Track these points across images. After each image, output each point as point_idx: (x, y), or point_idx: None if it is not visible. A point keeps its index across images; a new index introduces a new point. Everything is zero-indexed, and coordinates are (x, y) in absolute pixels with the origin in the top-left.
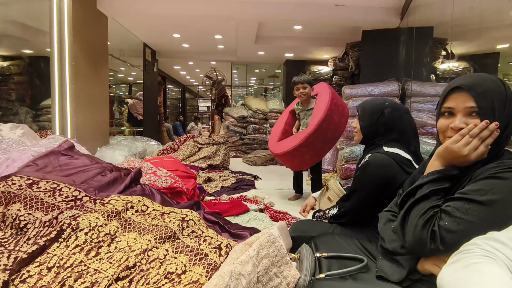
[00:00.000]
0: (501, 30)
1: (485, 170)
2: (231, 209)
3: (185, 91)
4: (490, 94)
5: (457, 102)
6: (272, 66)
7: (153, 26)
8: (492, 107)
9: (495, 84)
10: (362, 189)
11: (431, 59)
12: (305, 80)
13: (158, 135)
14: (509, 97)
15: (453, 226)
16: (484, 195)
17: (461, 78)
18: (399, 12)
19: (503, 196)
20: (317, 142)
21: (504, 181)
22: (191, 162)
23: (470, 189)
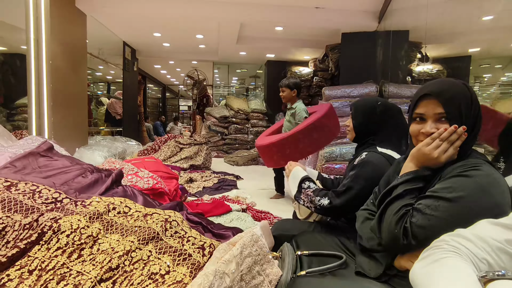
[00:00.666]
0: (472, 35)
1: (453, 169)
2: (213, 209)
3: (166, 90)
4: (457, 100)
5: (427, 108)
6: (253, 66)
7: (133, 25)
8: (459, 111)
9: (461, 89)
10: (358, 186)
11: (407, 62)
12: (283, 84)
13: (138, 135)
14: (474, 100)
15: (424, 222)
16: (452, 192)
17: (430, 85)
18: (376, 16)
19: (468, 192)
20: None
21: (469, 179)
22: (173, 162)
23: (439, 187)
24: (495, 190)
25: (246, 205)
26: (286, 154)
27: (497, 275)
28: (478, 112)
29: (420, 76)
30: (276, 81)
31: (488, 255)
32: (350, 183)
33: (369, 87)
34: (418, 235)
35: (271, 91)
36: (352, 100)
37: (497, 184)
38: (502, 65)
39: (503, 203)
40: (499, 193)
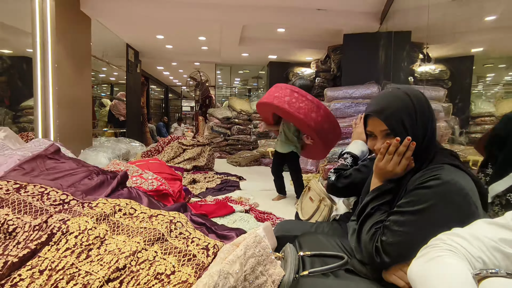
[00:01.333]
0: (475, 35)
1: (414, 180)
2: (217, 210)
3: (168, 91)
4: (398, 114)
5: (373, 127)
6: (256, 67)
7: (136, 27)
8: (402, 125)
9: (402, 102)
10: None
11: (409, 62)
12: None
13: (142, 136)
14: (418, 109)
15: (393, 239)
16: (414, 206)
17: (371, 104)
18: (378, 17)
19: (429, 203)
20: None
21: (428, 190)
22: (176, 163)
23: (403, 202)
24: (455, 195)
25: (249, 206)
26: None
27: (491, 272)
28: (428, 117)
29: (422, 77)
30: (278, 82)
31: (483, 254)
32: (353, 173)
33: (371, 88)
34: (390, 252)
35: None
36: (354, 101)
37: (456, 189)
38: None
39: (466, 205)
40: (460, 197)
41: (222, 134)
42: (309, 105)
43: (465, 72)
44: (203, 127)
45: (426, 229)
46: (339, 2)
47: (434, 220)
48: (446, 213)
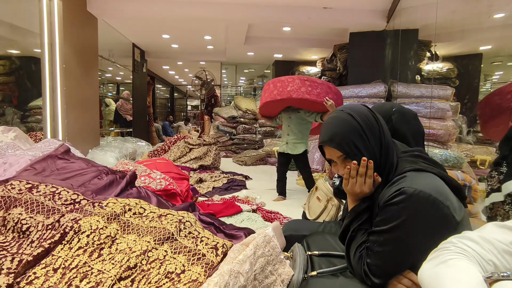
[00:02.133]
0: (483, 33)
1: (383, 196)
2: (224, 210)
3: (174, 90)
4: (348, 137)
5: (330, 154)
6: (261, 66)
7: (142, 27)
8: (355, 147)
9: (348, 125)
10: None
11: (416, 61)
12: None
13: (148, 136)
14: (365, 127)
15: (377, 260)
16: (387, 224)
17: (322, 134)
18: (385, 15)
19: (400, 220)
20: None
21: (396, 206)
22: (182, 163)
23: (378, 220)
24: (421, 206)
25: (256, 205)
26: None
27: (502, 276)
28: (378, 131)
29: (429, 75)
30: None
31: (494, 257)
32: None
33: (378, 87)
34: (377, 273)
35: None
36: (360, 100)
37: (423, 200)
38: None
39: (436, 210)
40: (427, 205)
41: (228, 133)
42: (323, 88)
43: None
44: (209, 126)
45: (405, 243)
46: (346, 0)
47: (410, 234)
48: (419, 225)
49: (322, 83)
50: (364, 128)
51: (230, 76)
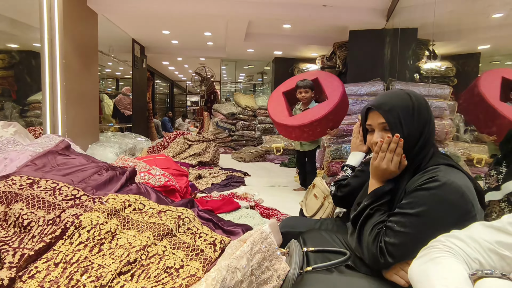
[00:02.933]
0: (482, 32)
1: (413, 182)
2: (223, 206)
3: (174, 86)
4: (396, 110)
5: (372, 120)
6: (261, 63)
7: (142, 22)
8: (399, 121)
9: (401, 100)
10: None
11: (415, 59)
12: (307, 85)
13: (147, 131)
14: (416, 109)
15: (396, 239)
16: (414, 208)
17: (374, 99)
18: (385, 14)
19: (428, 205)
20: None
21: (427, 192)
22: (181, 159)
23: (404, 203)
24: (452, 196)
25: (254, 202)
26: (317, 132)
27: (486, 273)
28: (426, 120)
29: (428, 74)
30: (283, 77)
31: (479, 255)
32: (350, 180)
33: (376, 85)
34: (394, 253)
35: None
36: (359, 98)
37: (454, 190)
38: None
39: (463, 205)
40: (457, 196)
41: (227, 130)
42: (322, 124)
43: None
44: (208, 123)
45: (427, 229)
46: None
47: (434, 221)
48: (444, 213)
49: (319, 120)
50: (415, 109)
51: (230, 72)
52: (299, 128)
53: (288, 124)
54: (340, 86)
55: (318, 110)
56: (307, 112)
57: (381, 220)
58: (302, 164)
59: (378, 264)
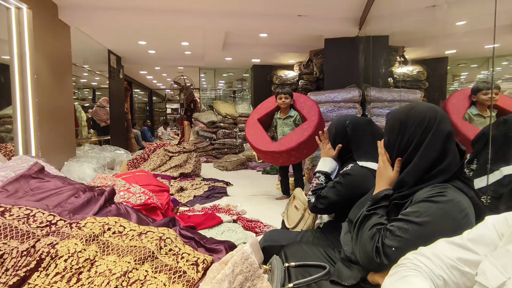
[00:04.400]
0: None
1: (423, 193)
2: (205, 221)
3: (152, 94)
4: (392, 117)
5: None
6: (240, 70)
7: (118, 34)
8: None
9: (399, 113)
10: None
11: (388, 65)
12: (287, 91)
13: (127, 143)
14: (410, 124)
15: (395, 243)
16: (419, 217)
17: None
18: (357, 23)
19: (433, 217)
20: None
21: (435, 204)
22: (162, 171)
23: (410, 211)
24: (456, 214)
25: (237, 214)
26: (303, 153)
27: None
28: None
29: (401, 78)
30: (262, 84)
31: (443, 272)
32: (329, 192)
33: (352, 92)
34: (390, 255)
35: (258, 95)
36: (336, 105)
37: (458, 209)
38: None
39: (464, 224)
40: (461, 216)
41: (208, 139)
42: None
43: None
44: (188, 132)
45: (426, 239)
46: (319, 8)
47: (434, 233)
48: (446, 228)
49: (305, 141)
50: (408, 124)
51: (209, 80)
52: (286, 153)
53: (275, 150)
54: (314, 104)
55: (301, 132)
56: (290, 136)
57: (380, 221)
58: (284, 172)
59: (371, 264)
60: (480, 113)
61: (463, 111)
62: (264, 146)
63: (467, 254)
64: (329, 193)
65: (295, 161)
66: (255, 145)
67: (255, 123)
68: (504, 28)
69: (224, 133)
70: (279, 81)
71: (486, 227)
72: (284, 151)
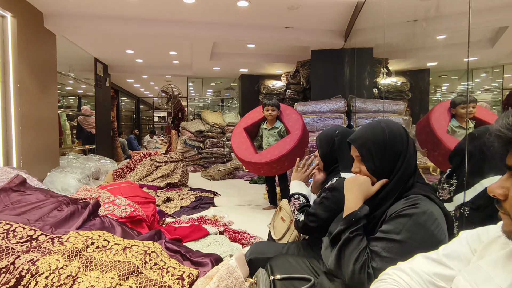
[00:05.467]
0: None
1: (395, 208)
2: (191, 233)
3: (140, 102)
4: (368, 143)
5: (352, 151)
6: (228, 79)
7: (105, 42)
8: (370, 153)
9: (374, 134)
10: (327, 210)
11: (372, 77)
12: (274, 103)
13: (112, 152)
14: (388, 142)
15: (383, 265)
16: (399, 234)
17: (354, 133)
18: (343, 35)
19: (411, 233)
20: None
21: (410, 218)
22: (149, 181)
23: (389, 228)
24: (430, 225)
25: (224, 226)
26: (285, 166)
27: None
28: (399, 150)
29: (385, 89)
30: (250, 94)
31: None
32: (318, 208)
33: (338, 103)
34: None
35: (246, 104)
36: (322, 115)
37: (431, 220)
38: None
39: (438, 234)
40: (434, 226)
41: (195, 148)
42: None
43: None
44: (176, 141)
45: (408, 254)
46: (305, 21)
47: (414, 247)
48: (423, 241)
49: (286, 155)
50: (387, 142)
51: (197, 88)
52: (267, 165)
53: (257, 162)
54: (299, 118)
55: (283, 145)
56: (272, 148)
57: (364, 246)
58: (271, 182)
59: (361, 286)
60: (461, 125)
61: (445, 124)
62: (247, 156)
63: (443, 269)
64: (318, 210)
65: (277, 173)
66: (238, 155)
67: (241, 132)
68: (481, 42)
69: (211, 142)
70: (266, 90)
71: (460, 242)
72: (265, 163)
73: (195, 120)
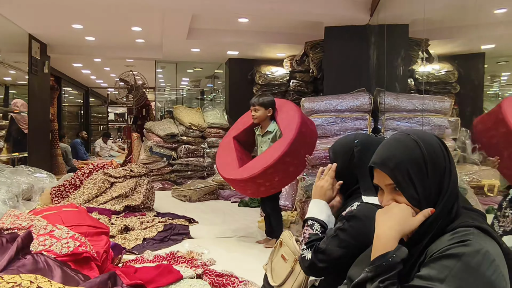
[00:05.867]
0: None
1: (439, 245)
2: (158, 277)
3: (89, 95)
4: (403, 166)
5: (378, 180)
6: (210, 65)
7: (44, 14)
8: (409, 178)
9: (408, 151)
10: (343, 245)
11: (408, 64)
12: (260, 101)
13: (51, 162)
14: (429, 159)
15: None
16: (444, 281)
17: (376, 153)
18: (368, 7)
19: (460, 281)
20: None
21: (459, 260)
22: (100, 203)
23: (430, 274)
24: (486, 268)
25: (203, 266)
26: (275, 181)
27: None
28: (444, 169)
29: (424, 80)
30: (241, 84)
31: None
32: (330, 243)
33: (361, 98)
34: None
35: (235, 98)
36: (339, 115)
37: (488, 260)
38: None
39: (495, 280)
40: (491, 270)
41: (165, 157)
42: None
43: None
44: (138, 148)
45: None
46: None
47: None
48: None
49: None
50: (427, 161)
51: (169, 77)
52: (251, 181)
53: (237, 178)
54: (296, 115)
55: (270, 153)
56: (258, 158)
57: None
58: None
59: None
60: None
61: None
62: (227, 172)
63: None
64: (330, 245)
65: (267, 192)
66: (219, 171)
67: (230, 142)
68: None
69: (187, 150)
70: (263, 80)
71: None
72: (247, 179)
73: (165, 120)
